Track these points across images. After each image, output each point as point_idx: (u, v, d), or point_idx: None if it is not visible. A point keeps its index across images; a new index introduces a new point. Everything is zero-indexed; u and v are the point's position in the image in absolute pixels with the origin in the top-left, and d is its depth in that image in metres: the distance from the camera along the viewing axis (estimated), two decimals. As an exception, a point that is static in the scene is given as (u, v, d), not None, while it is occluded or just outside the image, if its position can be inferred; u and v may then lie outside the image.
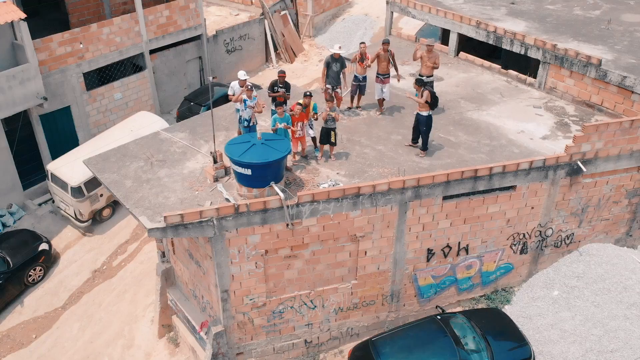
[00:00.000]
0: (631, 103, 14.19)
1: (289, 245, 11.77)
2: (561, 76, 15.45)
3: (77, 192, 17.96)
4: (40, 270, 17.59)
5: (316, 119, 12.40)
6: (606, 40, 16.30)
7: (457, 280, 13.73)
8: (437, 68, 14.44)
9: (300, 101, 12.25)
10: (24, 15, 17.27)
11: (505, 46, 16.42)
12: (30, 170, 19.96)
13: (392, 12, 19.59)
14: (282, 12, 27.28)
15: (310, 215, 11.41)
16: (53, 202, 19.63)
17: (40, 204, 20.02)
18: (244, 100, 12.26)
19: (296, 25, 27.96)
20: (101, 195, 18.69)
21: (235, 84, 12.88)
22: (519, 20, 17.72)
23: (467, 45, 18.47)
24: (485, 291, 14.17)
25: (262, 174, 10.93)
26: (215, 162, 11.96)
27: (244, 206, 10.88)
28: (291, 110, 12.06)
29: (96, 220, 19.09)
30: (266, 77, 25.59)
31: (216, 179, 12.01)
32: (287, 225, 11.37)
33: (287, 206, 11.07)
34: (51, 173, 18.54)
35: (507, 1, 19.52)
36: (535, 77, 16.15)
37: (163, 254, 14.50)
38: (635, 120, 12.71)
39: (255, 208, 10.97)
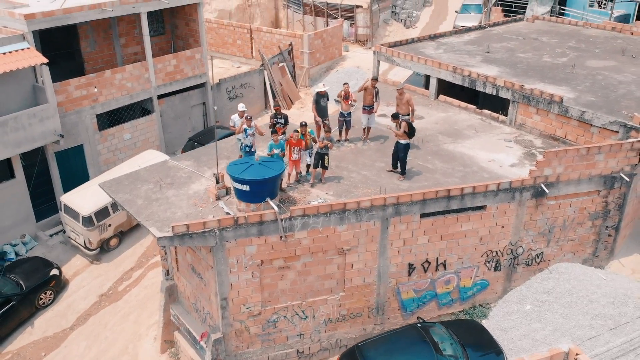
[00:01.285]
0: (591, 135, 15.72)
1: (282, 257, 12.99)
2: (529, 113, 17.06)
3: (87, 221, 19.22)
4: (51, 294, 18.64)
5: (315, 142, 13.87)
6: (570, 82, 18.03)
7: (437, 295, 14.85)
8: (412, 106, 15.79)
9: (298, 129, 13.82)
10: (45, 60, 19.04)
11: (479, 88, 18.13)
12: (44, 203, 21.29)
13: (378, 61, 21.45)
14: (281, 64, 29.29)
15: (302, 229, 12.69)
16: (64, 232, 20.85)
17: (51, 235, 21.25)
18: (245, 130, 13.83)
19: (293, 76, 29.94)
20: (109, 225, 19.96)
21: (235, 117, 14.48)
22: (493, 66, 19.52)
23: (450, 91, 20.17)
24: (464, 306, 15.26)
25: (259, 189, 12.29)
26: (217, 182, 13.35)
27: (242, 218, 12.19)
28: (291, 137, 13.58)
29: (104, 249, 20.27)
30: (265, 121, 27.25)
31: (218, 198, 13.36)
32: (281, 237, 12.63)
33: (281, 219, 12.38)
34: (64, 204, 19.86)
35: (482, 51, 21.43)
36: (506, 115, 17.78)
37: (167, 272, 15.64)
38: (592, 148, 14.21)
39: (252, 220, 12.27)
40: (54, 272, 18.89)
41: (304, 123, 13.95)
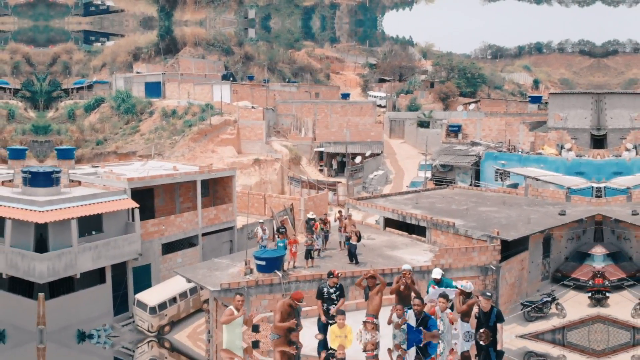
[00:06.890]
0: (473, 244, 21.88)
1: (283, 309, 18.29)
2: (437, 234, 23.40)
3: (152, 310, 24.36)
4: None
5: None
6: (463, 217, 24.65)
7: None
8: (355, 226, 21.97)
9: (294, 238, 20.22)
10: (137, 205, 25.84)
11: (408, 221, 24.70)
12: (120, 303, 26.43)
13: (348, 209, 28.34)
14: (284, 217, 36.19)
15: (295, 290, 18.23)
16: (133, 322, 25.72)
17: (123, 325, 26.05)
18: (262, 237, 20.21)
19: (293, 225, 36.70)
20: (166, 315, 25.00)
21: (259, 229, 20.92)
22: (418, 210, 26.30)
23: (401, 229, 26.49)
24: None
25: (271, 264, 18.19)
26: (245, 264, 19.24)
27: (260, 281, 17.89)
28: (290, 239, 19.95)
29: (159, 333, 25.00)
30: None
31: (245, 274, 19.12)
32: (282, 295, 18.15)
33: (283, 283, 18.06)
34: (137, 299, 25.13)
35: (413, 203, 28.42)
36: (425, 236, 24.09)
37: (209, 331, 20.60)
38: (468, 248, 20.35)
39: (266, 282, 17.95)
40: None
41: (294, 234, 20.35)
